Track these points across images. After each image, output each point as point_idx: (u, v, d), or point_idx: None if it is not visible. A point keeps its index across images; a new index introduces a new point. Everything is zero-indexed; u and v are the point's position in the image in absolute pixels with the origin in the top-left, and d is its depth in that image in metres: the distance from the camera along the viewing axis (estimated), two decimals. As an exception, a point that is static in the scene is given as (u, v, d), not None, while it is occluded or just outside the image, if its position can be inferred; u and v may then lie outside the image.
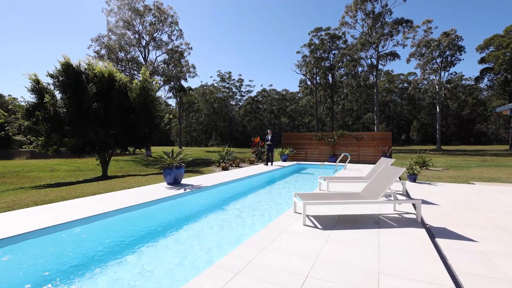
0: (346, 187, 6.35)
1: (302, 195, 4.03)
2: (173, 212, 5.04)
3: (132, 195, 5.47)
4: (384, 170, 4.16)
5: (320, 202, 3.63)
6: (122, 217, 4.35)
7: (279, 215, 4.16)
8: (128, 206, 4.48)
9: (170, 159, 6.80)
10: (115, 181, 7.98)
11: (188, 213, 5.07)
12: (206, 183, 7.02)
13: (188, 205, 5.51)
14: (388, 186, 3.72)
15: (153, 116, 13.09)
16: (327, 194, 4.22)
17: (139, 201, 4.82)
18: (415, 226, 3.60)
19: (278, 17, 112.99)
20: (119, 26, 30.74)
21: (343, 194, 4.22)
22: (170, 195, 5.45)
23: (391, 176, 3.83)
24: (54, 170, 17.16)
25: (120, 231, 4.01)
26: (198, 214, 4.95)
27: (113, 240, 3.61)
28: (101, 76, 11.90)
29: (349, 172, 9.97)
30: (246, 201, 5.72)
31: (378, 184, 3.96)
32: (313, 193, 4.19)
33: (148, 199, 4.99)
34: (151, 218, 4.67)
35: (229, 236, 3.73)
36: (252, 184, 8.17)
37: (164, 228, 4.16)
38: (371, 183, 4.15)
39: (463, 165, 15.53)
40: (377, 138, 13.70)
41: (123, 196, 5.32)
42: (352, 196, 4.02)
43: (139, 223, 4.38)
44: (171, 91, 41.19)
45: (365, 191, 4.15)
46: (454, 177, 9.27)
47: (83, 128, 11.35)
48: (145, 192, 5.73)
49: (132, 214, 4.48)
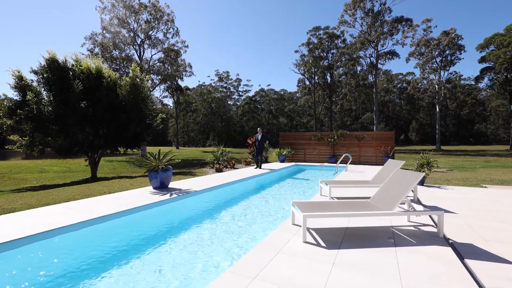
0: (350, 193, 5.74)
1: (301, 204, 3.42)
2: (150, 225, 4.33)
3: (109, 202, 4.83)
4: (397, 175, 3.56)
5: (323, 215, 3.03)
6: (87, 231, 3.66)
7: (275, 228, 3.55)
8: (97, 217, 3.84)
9: (156, 161, 6.17)
10: (97, 185, 7.34)
11: (168, 225, 4.35)
12: (196, 187, 6.40)
13: (170, 214, 4.85)
14: (405, 194, 3.12)
15: (144, 115, 12.47)
16: (331, 203, 3.61)
17: (112, 211, 4.18)
18: (438, 243, 3.00)
19: (276, 16, 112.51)
20: (114, 24, 30.00)
21: (349, 203, 3.60)
22: (152, 202, 4.82)
23: (408, 182, 3.22)
24: (44, 171, 16.48)
25: (74, 251, 3.22)
26: (180, 227, 4.24)
27: (59, 266, 2.82)
28: (88, 72, 11.27)
29: (351, 174, 9.37)
30: (237, 210, 5.07)
31: (392, 192, 3.36)
32: (314, 202, 3.58)
33: (125, 208, 4.36)
34: (122, 233, 3.90)
35: (211, 257, 3.01)
36: (245, 188, 7.52)
37: (133, 248, 3.33)
38: (383, 190, 3.55)
39: (467, 166, 15.00)
40: (379, 138, 13.12)
41: (98, 204, 4.69)
42: (360, 206, 3.41)
43: (104, 239, 3.61)
44: (167, 90, 40.49)
45: (375, 199, 3.55)
46: (463, 179, 8.71)
47: (69, 127, 10.74)
48: (126, 199, 5.10)
49: (101, 227, 3.82)
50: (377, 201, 3.49)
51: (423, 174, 3.22)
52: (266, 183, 8.42)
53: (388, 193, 3.41)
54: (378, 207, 3.34)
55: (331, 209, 3.29)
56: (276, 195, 6.46)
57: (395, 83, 63.31)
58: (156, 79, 34.67)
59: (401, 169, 3.62)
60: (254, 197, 6.29)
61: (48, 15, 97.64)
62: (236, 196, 6.53)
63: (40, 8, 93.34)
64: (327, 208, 3.30)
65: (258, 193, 6.73)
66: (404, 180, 3.33)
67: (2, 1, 61.33)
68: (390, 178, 3.60)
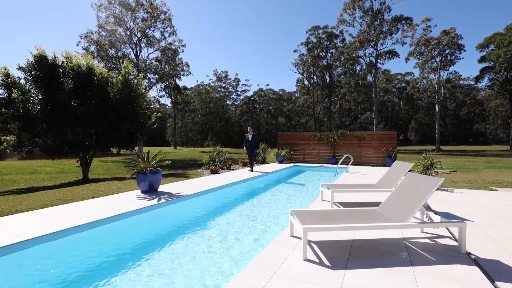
0: (354, 197, 5.31)
1: (301, 214, 2.98)
2: (126, 237, 3.78)
3: (88, 209, 4.38)
4: (411, 180, 3.12)
5: (327, 228, 2.59)
6: (53, 246, 3.17)
7: (271, 241, 3.11)
8: (70, 228, 3.39)
9: (144, 163, 5.72)
10: (83, 188, 6.89)
11: (150, 236, 3.83)
12: (187, 191, 5.95)
13: (154, 223, 4.38)
14: (421, 203, 2.69)
15: (138, 114, 12.02)
16: (334, 212, 3.18)
17: (89, 219, 3.73)
18: (460, 260, 2.58)
19: (275, 16, 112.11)
20: (110, 22, 29.49)
21: (355, 212, 3.17)
22: (136, 208, 4.37)
23: (424, 189, 2.79)
24: (36, 172, 16.00)
25: (23, 274, 2.70)
26: (164, 238, 3.70)
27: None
28: (78, 69, 10.81)
29: (353, 176, 8.95)
30: (230, 218, 4.60)
31: (405, 200, 2.92)
32: (316, 212, 3.14)
33: (103, 215, 3.91)
34: (91, 248, 3.37)
35: (193, 282, 2.49)
36: (240, 191, 7.06)
37: (99, 269, 2.78)
38: (394, 198, 3.12)
39: (471, 167, 14.62)
40: (381, 138, 12.70)
41: (75, 211, 4.24)
42: (368, 215, 2.98)
43: (69, 257, 3.08)
44: (165, 90, 39.98)
45: (385, 208, 3.12)
46: (470, 181, 8.31)
47: (59, 127, 10.29)
48: (108, 204, 4.65)
49: (70, 240, 3.35)
50: (388, 210, 3.06)
51: (442, 180, 2.79)
52: (263, 186, 7.96)
53: (400, 201, 2.98)
54: (389, 217, 2.91)
55: (335, 219, 2.86)
56: (272, 201, 5.93)
57: (394, 83, 63.06)
58: (153, 78, 34.20)
59: (414, 173, 3.19)
60: (249, 202, 5.79)
61: (45, 14, 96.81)
62: (229, 201, 6.07)
63: (36, 7, 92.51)
64: (331, 218, 2.87)
65: (253, 198, 6.23)
66: (419, 186, 2.90)
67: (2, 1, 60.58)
68: (403, 183, 3.16)
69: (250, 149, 10.23)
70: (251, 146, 10.23)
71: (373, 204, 4.76)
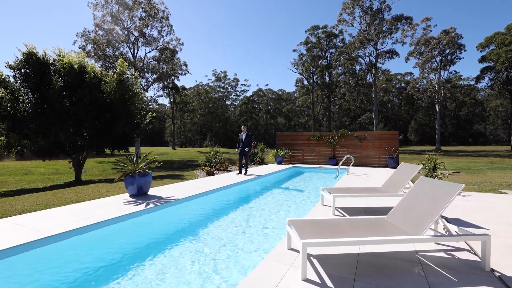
0: (358, 202, 4.95)
1: (300, 224, 2.63)
2: (104, 249, 3.34)
3: (68, 215, 4.01)
4: (424, 186, 2.77)
5: (329, 243, 2.23)
6: (18, 259, 2.77)
7: (266, 253, 2.76)
8: (41, 239, 3.02)
9: (132, 165, 5.35)
10: (69, 191, 6.51)
11: (129, 249, 3.38)
12: (179, 194, 5.59)
13: (137, 232, 3.99)
14: (438, 213, 2.34)
15: (132, 114, 11.66)
16: (337, 222, 2.82)
17: (65, 228, 3.37)
18: (486, 280, 2.22)
19: (274, 16, 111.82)
20: (107, 21, 29.11)
21: (361, 221, 2.81)
22: (120, 215, 4.01)
23: (442, 196, 2.43)
24: (29, 173, 15.65)
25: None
26: (143, 251, 3.29)
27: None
28: (69, 67, 10.45)
29: (354, 178, 8.60)
30: (221, 226, 4.19)
31: (419, 209, 2.57)
32: (316, 221, 2.79)
33: (82, 223, 3.54)
34: (63, 261, 2.97)
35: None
36: (235, 195, 6.67)
37: None
38: (405, 205, 2.76)
39: (474, 168, 14.30)
40: (382, 139, 12.35)
41: (53, 218, 3.88)
42: (376, 226, 2.63)
43: (33, 274, 2.68)
44: (163, 89, 39.60)
45: (395, 217, 2.76)
46: (476, 183, 7.97)
47: (49, 127, 9.95)
48: (91, 210, 4.29)
49: (40, 253, 2.98)
50: (398, 219, 2.70)
51: (462, 186, 2.44)
52: (259, 190, 7.59)
53: (413, 209, 2.62)
54: (400, 228, 2.56)
55: (338, 230, 2.51)
56: (269, 206, 5.47)
57: (393, 82, 62.83)
58: (150, 77, 33.82)
59: (427, 178, 2.83)
60: (243, 208, 5.39)
61: (42, 14, 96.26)
62: (222, 206, 5.69)
63: (33, 7, 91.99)
64: (333, 229, 2.51)
65: (247, 203, 5.82)
66: (435, 193, 2.54)
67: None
68: (415, 189, 2.81)
69: (244, 149, 9.45)
70: (245, 147, 9.44)
71: (379, 210, 4.41)
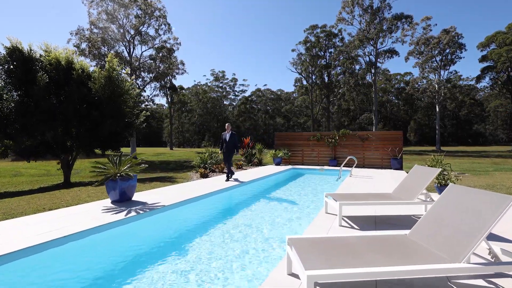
0: (366, 210, 4.41)
1: (302, 245, 2.09)
2: (71, 268, 2.80)
3: (32, 227, 3.46)
4: (457, 196, 2.23)
5: (344, 275, 1.69)
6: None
7: (262, 279, 2.22)
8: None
9: (114, 168, 4.80)
10: (47, 196, 5.95)
11: (96, 268, 2.82)
12: (167, 199, 5.04)
13: (111, 246, 3.42)
14: (485, 232, 1.80)
15: (123, 112, 11.10)
16: (348, 240, 2.28)
17: (23, 244, 2.81)
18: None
19: (273, 16, 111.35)
20: (102, 19, 28.49)
21: (377, 239, 2.27)
22: (94, 226, 3.45)
23: (488, 210, 1.89)
24: (18, 174, 15.04)
25: None
26: (115, 270, 2.76)
27: None
28: (56, 63, 9.89)
29: (358, 181, 8.07)
30: (209, 241, 3.53)
31: (456, 228, 2.02)
32: (322, 241, 2.25)
33: (44, 238, 2.99)
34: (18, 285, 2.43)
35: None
36: (228, 201, 6.11)
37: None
38: (434, 221, 2.22)
39: (479, 169, 13.84)
40: (385, 139, 11.83)
41: (12, 230, 3.32)
42: (398, 247, 2.09)
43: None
44: (161, 89, 38.99)
45: (421, 235, 2.22)
46: (488, 186, 7.47)
47: (34, 126, 9.39)
48: (64, 219, 3.74)
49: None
50: (424, 237, 2.17)
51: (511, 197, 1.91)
52: (256, 194, 7.04)
53: (445, 226, 2.09)
54: (429, 249, 2.03)
55: (351, 253, 1.98)
56: (266, 215, 4.78)
57: (393, 83, 62.53)
58: (147, 77, 33.22)
59: (462, 186, 2.30)
60: (236, 217, 4.74)
61: (39, 14, 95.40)
62: (212, 214, 5.12)
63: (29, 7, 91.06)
64: (345, 252, 1.98)
65: (242, 211, 5.18)
66: (476, 205, 2.00)
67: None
68: (445, 199, 2.28)
69: (227, 152, 8.00)
70: (228, 148, 7.99)
71: (391, 220, 3.88)
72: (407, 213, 4.19)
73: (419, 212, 4.19)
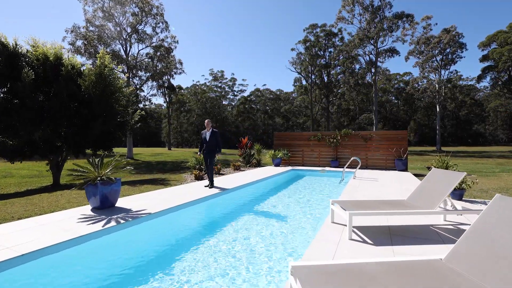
0: (378, 219, 3.91)
1: (309, 276, 1.60)
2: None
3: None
4: (498, 209, 1.75)
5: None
6: None
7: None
8: None
9: (94, 171, 4.29)
10: (22, 202, 5.42)
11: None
12: (154, 206, 4.53)
13: (78, 266, 2.84)
14: None
15: (115, 111, 10.61)
16: (367, 267, 1.79)
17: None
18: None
19: (272, 15, 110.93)
20: (98, 17, 27.95)
21: (407, 266, 1.79)
22: (61, 241, 2.94)
23: None
24: (9, 175, 14.50)
25: None
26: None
27: None
28: (44, 59, 9.40)
29: (363, 184, 7.58)
30: (194, 262, 2.91)
31: (503, 249, 1.55)
32: (334, 269, 1.76)
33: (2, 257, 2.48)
34: None
35: None
36: (221, 208, 5.53)
37: None
38: (476, 245, 1.73)
39: (485, 170, 13.39)
40: (389, 138, 11.34)
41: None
42: (433, 275, 1.61)
43: None
44: (159, 89, 38.45)
45: (460, 259, 1.74)
46: (502, 189, 7.00)
47: (20, 125, 8.91)
48: (27, 231, 3.23)
49: None
50: (466, 263, 1.68)
51: None
52: (253, 199, 6.52)
53: (493, 252, 1.60)
54: (471, 279, 1.54)
55: (370, 285, 1.49)
56: (263, 227, 4.08)
57: (393, 83, 62.18)
58: (144, 76, 32.69)
59: (509, 197, 1.81)
60: (227, 229, 4.07)
61: (30, 9, 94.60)
62: (202, 225, 4.57)
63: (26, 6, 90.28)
64: (363, 284, 1.49)
65: (235, 220, 4.59)
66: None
67: None
68: (489, 213, 1.78)
69: (208, 154, 6.70)
70: (209, 148, 6.69)
71: (409, 231, 3.39)
72: (423, 222, 3.71)
73: (437, 222, 3.70)
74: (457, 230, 3.43)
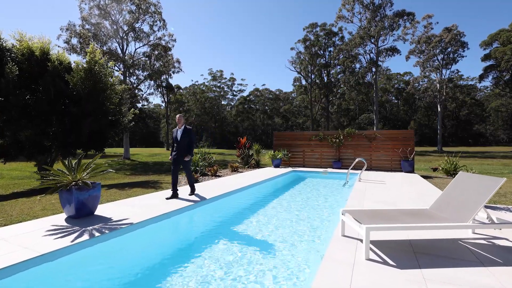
0: (398, 232, 3.37)
1: None
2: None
3: None
4: None
5: None
6: None
7: None
8: None
9: (67, 175, 3.75)
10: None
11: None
12: (137, 215, 3.99)
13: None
14: None
15: (107, 110, 10.08)
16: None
17: None
18: None
19: (272, 15, 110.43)
20: (94, 14, 27.38)
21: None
22: (16, 262, 2.40)
23: None
24: (0, 176, 13.95)
25: None
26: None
27: None
28: (28, 54, 8.86)
29: (370, 187, 7.05)
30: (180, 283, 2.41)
31: None
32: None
33: None
34: None
35: None
36: (213, 217, 4.88)
37: None
38: None
39: (492, 171, 12.88)
40: (395, 138, 10.80)
41: None
42: None
43: None
44: (157, 89, 37.88)
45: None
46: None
47: (4, 124, 8.43)
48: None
49: None
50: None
51: None
52: (249, 206, 5.98)
53: None
54: None
55: None
56: (261, 244, 3.46)
57: (393, 83, 61.78)
58: (141, 75, 32.14)
59: None
60: (217, 246, 3.38)
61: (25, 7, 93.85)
62: (188, 239, 3.93)
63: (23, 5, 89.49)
64: None
65: (228, 229, 4.05)
66: None
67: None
68: None
69: (179, 154, 5.38)
70: (181, 150, 5.36)
71: (435, 248, 2.86)
72: (449, 235, 3.18)
73: (465, 235, 3.17)
74: (491, 245, 2.90)
